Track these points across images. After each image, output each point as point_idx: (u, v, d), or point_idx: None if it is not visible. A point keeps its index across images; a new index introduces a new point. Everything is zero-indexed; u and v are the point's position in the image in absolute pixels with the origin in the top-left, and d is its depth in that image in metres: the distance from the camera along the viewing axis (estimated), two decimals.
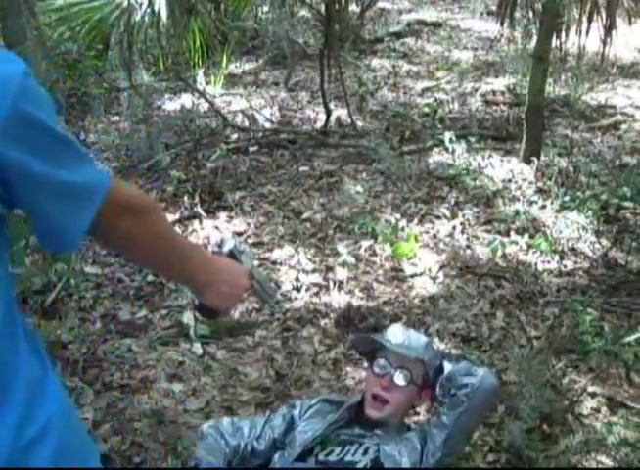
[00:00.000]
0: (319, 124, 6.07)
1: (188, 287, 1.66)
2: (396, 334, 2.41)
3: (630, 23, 6.14)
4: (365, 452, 2.16)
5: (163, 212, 1.52)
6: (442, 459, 2.21)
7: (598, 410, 2.90)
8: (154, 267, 1.58)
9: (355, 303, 3.61)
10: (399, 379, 2.28)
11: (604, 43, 5.05)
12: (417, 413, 2.86)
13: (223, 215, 4.51)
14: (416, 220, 4.39)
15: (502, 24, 5.58)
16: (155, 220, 1.42)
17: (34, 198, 1.19)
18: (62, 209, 1.22)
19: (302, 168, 5.26)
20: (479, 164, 5.09)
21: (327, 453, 2.19)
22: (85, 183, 1.23)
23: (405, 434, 2.24)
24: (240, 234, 4.29)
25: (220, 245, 1.71)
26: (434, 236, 4.26)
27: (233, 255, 1.69)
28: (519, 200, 4.59)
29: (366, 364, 2.60)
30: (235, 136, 5.83)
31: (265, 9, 8.12)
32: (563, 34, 5.18)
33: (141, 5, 5.39)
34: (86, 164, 1.25)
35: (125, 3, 5.31)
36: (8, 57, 1.17)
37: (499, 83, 7.12)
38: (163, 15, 5.39)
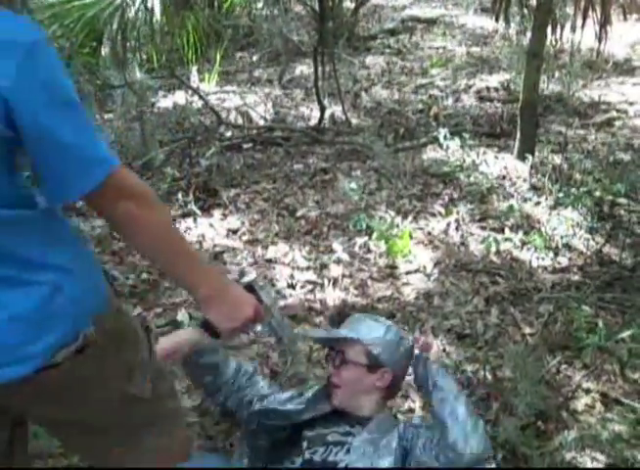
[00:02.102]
0: (313, 122, 6.06)
1: (188, 292, 1.73)
2: (345, 323, 2.49)
3: (625, 19, 6.16)
4: (347, 452, 2.16)
5: (168, 214, 1.60)
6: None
7: (592, 406, 2.90)
8: (152, 257, 1.62)
9: (350, 300, 3.61)
10: (337, 361, 2.35)
11: (598, 39, 5.05)
12: (412, 410, 2.87)
13: (217, 213, 4.51)
14: (410, 217, 4.39)
15: (496, 21, 5.59)
16: (155, 209, 1.48)
17: (41, 152, 1.30)
18: (65, 166, 1.32)
19: (297, 166, 5.25)
20: (473, 161, 5.09)
21: (312, 452, 2.21)
22: (93, 150, 1.34)
23: (389, 434, 2.22)
24: (234, 231, 4.28)
25: (240, 275, 1.77)
26: (429, 233, 4.26)
27: (251, 288, 1.74)
28: (513, 196, 4.60)
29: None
30: (229, 133, 5.83)
31: (259, 6, 8.10)
32: (557, 31, 5.19)
33: (134, 2, 5.38)
34: (93, 135, 1.35)
35: (119, 0, 5.29)
36: (21, 26, 1.30)
37: (493, 80, 7.13)
38: (157, 12, 5.37)
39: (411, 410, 2.88)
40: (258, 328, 1.92)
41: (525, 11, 5.79)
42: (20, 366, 1.40)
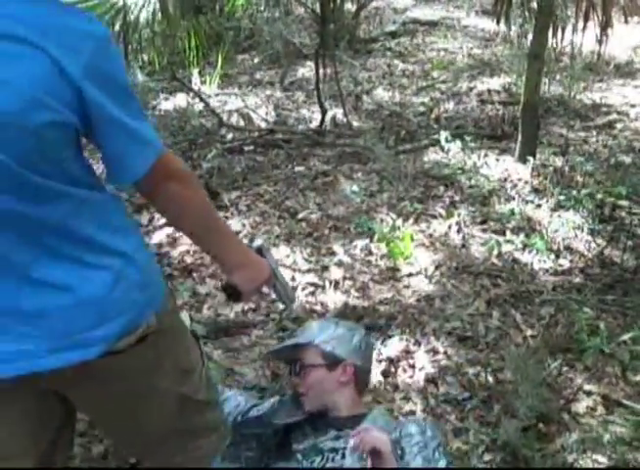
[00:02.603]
0: (314, 124, 6.06)
1: (219, 263, 1.85)
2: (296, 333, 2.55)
3: (626, 21, 6.16)
4: (344, 457, 2.15)
5: (207, 196, 1.72)
6: None
7: (594, 409, 2.90)
8: (193, 234, 1.73)
9: (351, 302, 3.61)
10: (296, 370, 2.39)
11: (599, 42, 5.05)
12: (413, 412, 2.87)
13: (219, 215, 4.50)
14: (412, 220, 4.38)
15: (498, 23, 5.59)
16: (198, 191, 1.63)
17: (106, 135, 1.41)
18: (127, 149, 1.43)
19: (298, 168, 5.25)
20: (474, 164, 5.09)
21: (310, 463, 2.20)
22: (147, 135, 1.46)
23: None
24: (236, 234, 4.28)
25: (251, 240, 1.89)
26: (430, 235, 4.25)
27: (261, 251, 1.89)
28: (514, 199, 4.59)
29: None
30: (230, 136, 5.82)
31: (261, 8, 8.11)
32: (558, 33, 5.19)
33: (136, 5, 5.39)
34: (146, 121, 1.47)
35: (120, 3, 5.30)
36: (95, 21, 1.40)
37: (494, 82, 7.12)
38: (158, 15, 5.39)
39: (412, 412, 2.88)
40: (265, 290, 2.08)
41: (527, 13, 5.79)
42: (83, 350, 1.44)
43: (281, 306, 2.00)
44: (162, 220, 4.40)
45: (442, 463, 2.11)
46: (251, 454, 2.36)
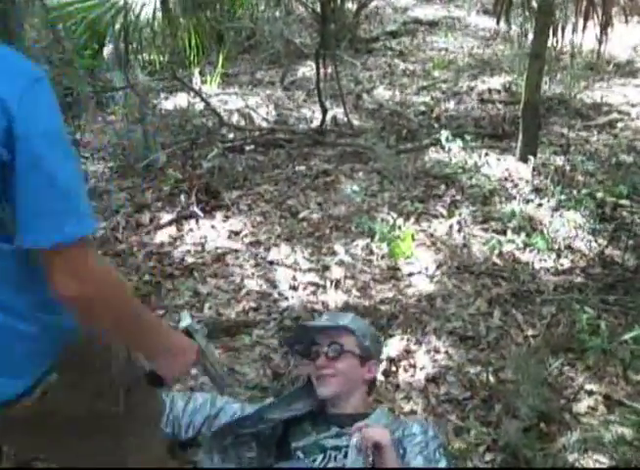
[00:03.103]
0: (315, 123, 6.06)
1: (140, 352, 1.70)
2: (321, 318, 2.48)
3: (626, 20, 6.16)
4: (346, 455, 2.15)
5: (126, 293, 1.49)
6: None
7: (595, 409, 2.90)
8: (106, 331, 1.56)
9: (352, 302, 3.61)
10: (332, 352, 2.33)
11: (599, 41, 5.05)
12: (414, 412, 2.87)
13: (220, 215, 4.51)
14: (413, 219, 4.38)
15: (498, 23, 5.59)
16: (105, 291, 1.39)
17: (29, 180, 1.25)
18: (47, 207, 1.26)
19: (299, 168, 5.26)
20: (475, 163, 5.09)
21: (312, 461, 2.19)
22: (78, 203, 1.30)
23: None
24: (236, 233, 4.28)
25: (178, 321, 1.83)
26: (431, 235, 4.25)
27: (188, 332, 1.80)
28: (515, 198, 4.59)
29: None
30: (231, 135, 5.83)
31: (261, 8, 8.11)
32: (559, 32, 5.18)
33: (137, 4, 5.39)
34: (83, 187, 1.33)
35: (121, 2, 5.29)
36: (34, 63, 1.32)
37: (495, 82, 7.12)
38: (159, 14, 5.38)
39: (413, 412, 2.88)
40: (194, 371, 2.02)
41: (527, 13, 5.79)
42: None
43: (211, 382, 1.93)
44: (164, 220, 4.40)
45: (443, 464, 2.11)
46: (250, 455, 2.35)
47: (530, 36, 5.19)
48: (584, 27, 5.06)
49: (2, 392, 1.41)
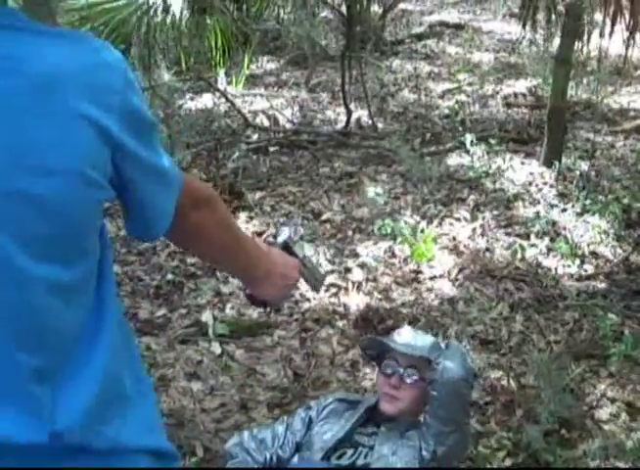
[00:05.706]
0: (340, 125, 6.07)
1: (243, 278, 1.65)
2: (403, 335, 2.43)
3: None
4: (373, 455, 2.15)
5: (227, 210, 1.52)
6: (444, 454, 2.17)
7: (617, 416, 2.88)
8: (218, 260, 1.59)
9: (374, 304, 3.61)
10: (408, 377, 2.29)
11: (627, 46, 5.01)
12: None
13: (243, 215, 4.52)
14: (435, 222, 4.38)
15: (524, 27, 5.57)
16: (221, 211, 1.43)
17: (136, 181, 1.17)
18: (154, 192, 1.21)
19: (322, 169, 5.26)
20: (499, 167, 5.07)
21: (339, 455, 2.19)
22: (169, 169, 1.24)
23: (410, 431, 2.23)
24: (260, 234, 4.30)
25: (275, 236, 1.74)
26: (454, 238, 4.24)
27: (287, 246, 1.72)
28: (539, 203, 4.57)
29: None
30: (256, 136, 5.85)
31: (287, 10, 8.13)
32: (585, 37, 5.15)
33: (161, 6, 5.43)
34: (164, 151, 1.25)
35: (147, 4, 5.34)
36: (109, 46, 1.19)
37: (521, 86, 7.09)
38: (184, 15, 5.41)
39: None
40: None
41: (553, 17, 5.76)
42: None
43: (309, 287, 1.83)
44: None
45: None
46: None
47: (556, 40, 5.15)
48: (612, 32, 5.03)
49: None
